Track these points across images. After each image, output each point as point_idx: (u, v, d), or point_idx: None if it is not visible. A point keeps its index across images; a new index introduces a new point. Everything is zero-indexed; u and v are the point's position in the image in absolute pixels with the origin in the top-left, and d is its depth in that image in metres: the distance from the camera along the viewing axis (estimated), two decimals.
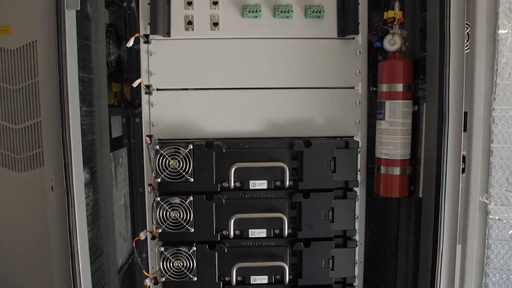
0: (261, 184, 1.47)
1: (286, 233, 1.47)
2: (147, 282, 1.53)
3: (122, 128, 2.10)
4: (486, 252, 1.38)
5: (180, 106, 1.54)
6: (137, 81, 1.51)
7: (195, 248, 1.46)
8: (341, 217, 1.49)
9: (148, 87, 1.52)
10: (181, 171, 1.44)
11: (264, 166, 1.46)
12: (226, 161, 1.45)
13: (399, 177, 1.51)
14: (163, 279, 1.48)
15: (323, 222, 1.48)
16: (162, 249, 1.46)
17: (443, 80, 1.32)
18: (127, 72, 2.06)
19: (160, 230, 1.46)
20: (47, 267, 1.45)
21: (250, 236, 1.49)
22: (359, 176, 1.53)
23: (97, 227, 1.61)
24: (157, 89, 1.53)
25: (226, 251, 1.48)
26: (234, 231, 1.46)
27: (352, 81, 1.55)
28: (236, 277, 1.47)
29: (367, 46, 1.55)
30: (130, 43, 1.47)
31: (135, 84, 1.51)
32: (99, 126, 1.63)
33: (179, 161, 1.43)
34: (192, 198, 1.45)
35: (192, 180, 1.45)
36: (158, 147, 1.42)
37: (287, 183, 1.45)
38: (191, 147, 1.43)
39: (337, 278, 1.52)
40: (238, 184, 1.47)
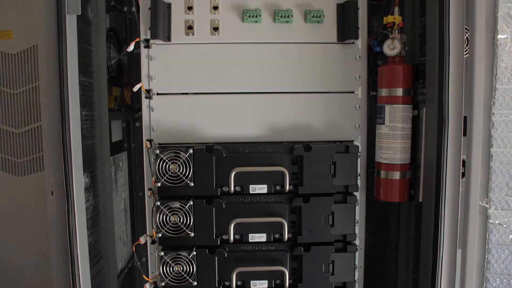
0: (261, 189, 1.47)
1: (286, 237, 1.47)
2: (147, 286, 1.53)
3: (122, 132, 2.10)
4: (486, 256, 1.37)
5: (180, 110, 1.54)
6: (137, 86, 1.52)
7: (195, 253, 1.46)
8: (341, 222, 1.49)
9: (148, 91, 1.52)
10: (181, 175, 1.44)
11: (264, 170, 1.46)
12: (226, 166, 1.45)
13: (399, 181, 1.51)
14: (163, 283, 1.47)
15: (323, 227, 1.48)
16: (162, 253, 1.46)
17: (442, 85, 1.32)
18: (127, 77, 2.06)
19: (160, 235, 1.46)
20: (47, 271, 1.44)
21: (250, 241, 1.49)
22: (359, 180, 1.53)
23: (97, 231, 1.61)
24: (158, 94, 1.53)
25: (226, 255, 1.48)
26: (234, 235, 1.46)
27: (352, 85, 1.55)
28: (236, 281, 1.47)
29: (367, 50, 1.56)
30: (131, 47, 1.48)
31: (135, 89, 1.52)
32: (99, 130, 1.64)
33: (179, 165, 1.43)
34: (192, 203, 1.45)
35: (192, 184, 1.45)
36: (158, 151, 1.43)
37: (287, 187, 1.45)
38: (191, 151, 1.43)
39: (337, 283, 1.51)
40: (238, 189, 1.47)
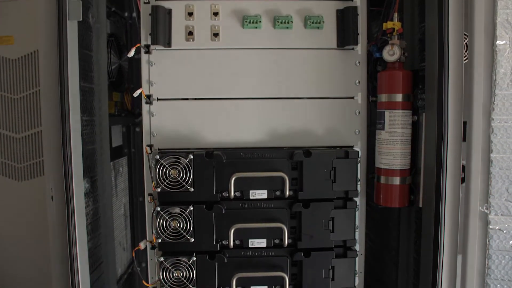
0: (261, 194, 1.47)
1: (286, 243, 1.46)
2: None
3: (123, 137, 2.10)
4: (487, 262, 1.37)
5: (181, 116, 1.54)
6: (137, 91, 1.52)
7: (195, 258, 1.46)
8: (341, 227, 1.49)
9: (148, 97, 1.53)
10: (181, 180, 1.44)
11: (264, 176, 1.46)
12: (226, 171, 1.45)
13: (399, 187, 1.51)
14: None
15: (323, 232, 1.48)
16: (162, 259, 1.46)
17: (442, 90, 1.32)
18: (127, 82, 2.07)
19: (160, 240, 1.45)
20: (46, 276, 1.44)
21: (250, 246, 1.49)
22: (359, 186, 1.53)
23: (97, 237, 1.61)
24: (158, 99, 1.54)
25: (226, 261, 1.48)
26: (234, 241, 1.46)
27: (352, 91, 1.56)
28: (236, 287, 1.47)
29: (367, 56, 1.56)
30: (131, 53, 1.48)
31: (135, 94, 1.52)
32: (99, 136, 1.64)
33: (179, 170, 1.44)
34: (192, 208, 1.45)
35: (192, 190, 1.45)
36: (158, 156, 1.43)
37: (287, 193, 1.45)
38: (191, 157, 1.44)
39: None
40: (238, 194, 1.47)
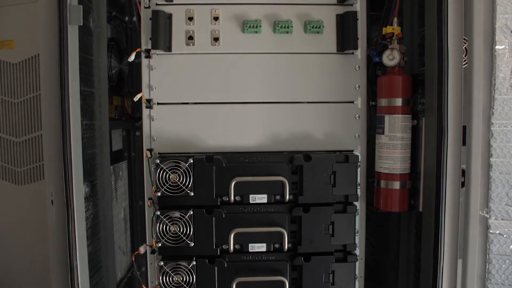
0: (261, 198, 1.47)
1: (286, 247, 1.46)
2: None
3: (123, 141, 2.10)
4: (487, 267, 1.37)
5: (181, 120, 1.54)
6: (138, 95, 1.52)
7: (194, 263, 1.46)
8: (341, 232, 1.48)
9: (149, 101, 1.53)
10: (181, 185, 1.44)
11: (264, 180, 1.46)
12: (226, 175, 1.45)
13: (399, 191, 1.51)
14: None
15: (323, 237, 1.48)
16: (162, 263, 1.45)
17: (441, 95, 1.33)
18: (128, 86, 2.07)
19: (160, 244, 1.45)
20: (46, 280, 1.44)
21: (250, 251, 1.48)
22: (359, 190, 1.53)
23: (97, 241, 1.60)
24: (158, 103, 1.54)
25: (226, 265, 1.47)
26: (234, 245, 1.46)
27: (352, 95, 1.56)
28: None
29: (366, 61, 1.57)
30: (132, 58, 1.49)
31: (136, 98, 1.52)
32: (99, 140, 1.64)
33: (179, 175, 1.44)
34: (192, 212, 1.45)
35: (192, 194, 1.45)
36: (158, 161, 1.43)
37: (287, 197, 1.45)
38: (191, 161, 1.44)
39: None
40: (238, 198, 1.47)
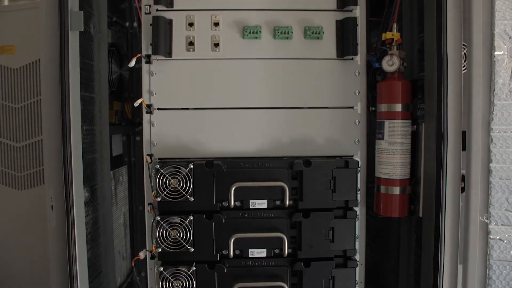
0: (261, 204, 1.47)
1: (286, 253, 1.46)
2: None
3: (123, 147, 2.10)
4: (487, 272, 1.37)
5: (181, 125, 1.55)
6: (138, 101, 1.52)
7: (194, 268, 1.45)
8: (341, 237, 1.48)
9: (149, 106, 1.53)
10: (181, 190, 1.44)
11: (264, 185, 1.46)
12: (226, 181, 1.45)
13: (399, 196, 1.51)
14: None
15: (323, 242, 1.48)
16: (162, 268, 1.45)
17: (441, 100, 1.33)
18: (128, 91, 2.08)
19: (160, 250, 1.45)
20: (46, 285, 1.43)
21: (250, 256, 1.48)
22: (359, 195, 1.52)
23: (97, 246, 1.60)
24: (158, 109, 1.54)
25: (226, 271, 1.47)
26: (234, 250, 1.45)
27: (351, 101, 1.56)
28: None
29: (366, 66, 1.57)
30: (132, 63, 1.49)
31: (136, 104, 1.52)
32: (99, 145, 1.64)
33: (179, 180, 1.44)
34: (192, 218, 1.45)
35: (192, 199, 1.44)
36: (158, 166, 1.43)
37: (287, 202, 1.45)
38: (192, 166, 1.44)
39: None
40: (238, 204, 1.47)
